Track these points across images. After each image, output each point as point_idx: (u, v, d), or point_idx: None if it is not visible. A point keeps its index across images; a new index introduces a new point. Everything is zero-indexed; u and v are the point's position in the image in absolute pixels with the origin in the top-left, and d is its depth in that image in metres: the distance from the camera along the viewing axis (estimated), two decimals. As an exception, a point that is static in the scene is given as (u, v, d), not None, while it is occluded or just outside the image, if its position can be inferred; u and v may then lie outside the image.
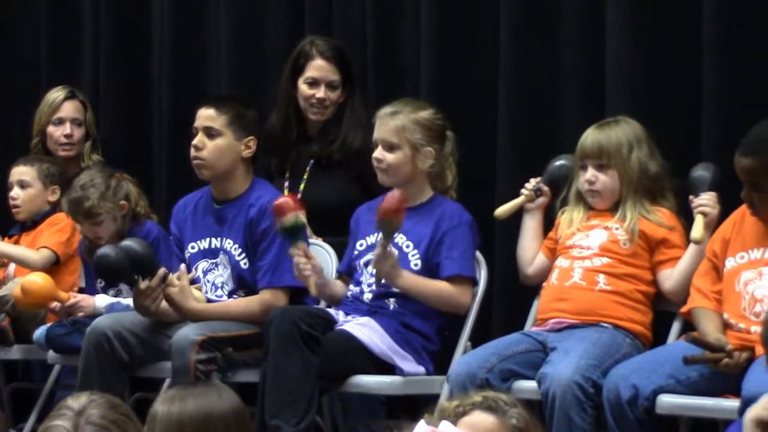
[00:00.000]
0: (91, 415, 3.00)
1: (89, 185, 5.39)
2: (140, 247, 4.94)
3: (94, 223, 5.40)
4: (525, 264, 4.82)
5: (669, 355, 4.25)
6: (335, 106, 5.45)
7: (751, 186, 4.17)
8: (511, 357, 4.47)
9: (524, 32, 5.37)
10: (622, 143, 4.62)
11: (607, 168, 4.64)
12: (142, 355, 5.02)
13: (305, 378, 4.55)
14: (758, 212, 4.21)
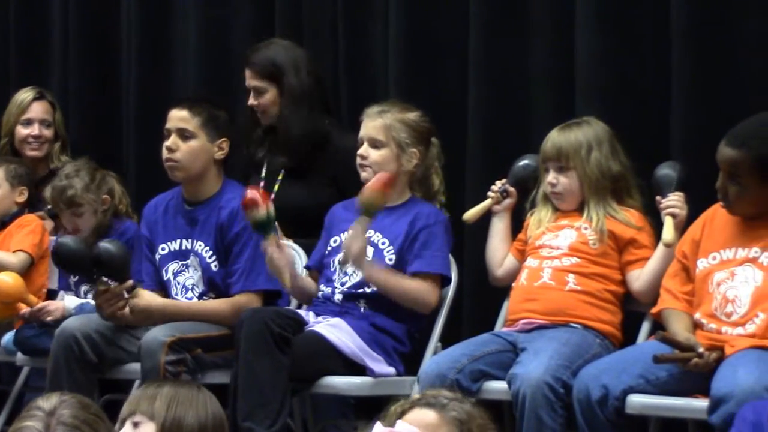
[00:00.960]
0: (62, 415, 3.01)
1: (74, 175, 5.41)
2: (117, 250, 4.90)
3: (75, 213, 5.41)
4: (494, 266, 4.83)
5: (639, 355, 4.26)
6: (272, 107, 5.46)
7: (729, 177, 4.16)
8: (481, 358, 4.47)
9: (493, 32, 5.39)
10: (581, 145, 4.63)
11: (566, 170, 4.66)
12: (111, 357, 5.00)
13: (277, 379, 4.54)
14: (731, 206, 4.20)
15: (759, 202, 4.18)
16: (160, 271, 5.11)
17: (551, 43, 5.28)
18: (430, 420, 2.84)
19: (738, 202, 4.18)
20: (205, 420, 3.14)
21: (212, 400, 3.20)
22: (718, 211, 4.31)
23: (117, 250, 4.90)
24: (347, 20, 5.90)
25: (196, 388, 3.27)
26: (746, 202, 4.18)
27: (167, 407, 3.15)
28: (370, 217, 4.66)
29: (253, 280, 4.96)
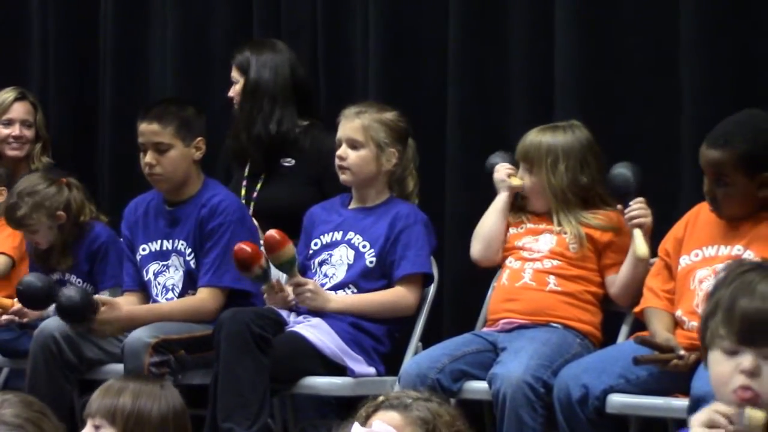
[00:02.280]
0: (3, 414, 3.00)
1: (25, 194, 5.31)
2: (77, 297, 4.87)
3: (30, 231, 5.36)
4: (487, 233, 4.72)
5: (619, 354, 4.27)
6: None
7: (715, 180, 4.16)
8: (461, 357, 4.48)
9: (473, 34, 5.39)
10: (548, 154, 4.62)
11: (532, 172, 4.67)
12: (91, 358, 5.00)
13: (257, 380, 4.54)
14: (721, 209, 4.21)
15: (747, 202, 4.19)
16: (140, 271, 5.11)
17: (529, 44, 5.28)
18: (394, 422, 2.84)
19: (727, 203, 4.19)
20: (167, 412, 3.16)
21: (174, 394, 3.22)
22: (702, 210, 4.33)
23: (76, 298, 4.86)
24: (326, 21, 5.89)
25: (158, 384, 3.30)
26: (735, 203, 4.19)
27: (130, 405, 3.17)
28: (292, 269, 4.72)
29: (220, 276, 4.96)
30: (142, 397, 3.18)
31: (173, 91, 6.26)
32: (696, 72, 4.84)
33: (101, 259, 5.37)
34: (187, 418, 3.22)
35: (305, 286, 4.71)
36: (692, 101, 4.82)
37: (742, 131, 4.18)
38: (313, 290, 4.71)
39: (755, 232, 4.18)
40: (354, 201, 4.94)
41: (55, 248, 5.36)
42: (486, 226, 4.77)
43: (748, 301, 2.55)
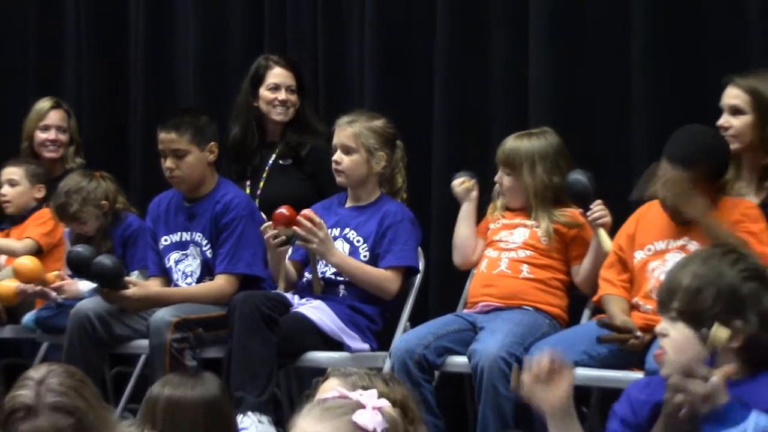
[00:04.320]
0: (51, 383, 3.02)
1: (73, 191, 5.36)
2: (111, 265, 4.89)
3: (79, 222, 5.41)
4: (463, 244, 4.76)
5: (582, 334, 4.29)
6: (294, 108, 5.48)
7: (677, 195, 4.15)
8: (445, 335, 4.49)
9: (457, 49, 5.39)
10: (527, 157, 4.61)
11: (511, 175, 4.67)
12: (120, 334, 5.00)
13: (266, 355, 4.54)
14: (679, 217, 4.19)
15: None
16: (162, 258, 5.12)
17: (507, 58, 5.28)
18: (331, 385, 2.89)
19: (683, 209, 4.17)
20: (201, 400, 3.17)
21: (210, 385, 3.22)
22: (651, 208, 4.32)
23: (111, 264, 4.88)
24: (326, 35, 5.89)
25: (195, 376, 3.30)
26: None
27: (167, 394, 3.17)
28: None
29: (234, 264, 4.96)
30: (178, 388, 3.19)
31: (195, 96, 6.26)
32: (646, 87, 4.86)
33: (132, 244, 5.40)
34: (222, 406, 3.21)
35: (318, 231, 4.66)
36: (644, 111, 4.84)
37: (700, 150, 4.19)
38: (322, 237, 4.66)
39: (695, 228, 4.17)
40: (349, 200, 4.92)
41: (97, 234, 5.41)
42: (458, 236, 4.80)
43: (666, 275, 2.76)
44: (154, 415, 3.15)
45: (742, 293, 2.67)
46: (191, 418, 3.11)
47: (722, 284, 2.68)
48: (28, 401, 3.07)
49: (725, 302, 2.66)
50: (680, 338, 2.68)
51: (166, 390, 3.18)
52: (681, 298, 2.69)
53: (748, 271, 2.71)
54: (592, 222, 4.47)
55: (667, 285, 2.76)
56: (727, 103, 4.39)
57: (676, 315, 2.69)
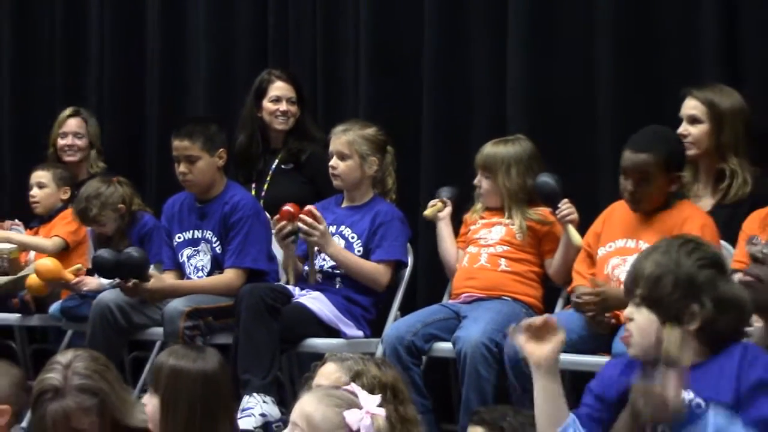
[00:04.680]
0: (76, 367, 3.06)
1: (93, 197, 5.37)
2: (138, 256, 4.88)
3: (99, 224, 5.43)
4: (451, 263, 4.77)
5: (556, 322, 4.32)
6: (295, 118, 5.51)
7: (638, 181, 4.14)
8: (432, 323, 4.50)
9: (442, 64, 5.39)
10: (504, 161, 4.63)
11: (489, 178, 4.68)
12: (138, 323, 5.02)
13: (269, 341, 4.56)
14: (640, 204, 4.19)
15: (661, 196, 4.19)
16: (176, 254, 5.13)
17: (487, 72, 5.29)
18: (329, 370, 2.91)
19: (647, 198, 4.17)
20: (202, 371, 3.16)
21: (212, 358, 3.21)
22: (616, 209, 4.33)
23: (138, 256, 4.87)
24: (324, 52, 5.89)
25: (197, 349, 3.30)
26: (653, 198, 4.17)
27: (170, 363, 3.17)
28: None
29: (242, 259, 4.95)
30: (181, 359, 3.19)
31: (205, 108, 6.26)
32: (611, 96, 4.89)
33: (148, 241, 5.41)
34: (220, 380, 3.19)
35: (319, 225, 4.68)
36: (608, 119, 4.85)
37: (660, 139, 4.20)
38: (322, 231, 4.68)
39: (656, 227, 4.17)
40: (345, 201, 4.94)
41: (115, 234, 5.43)
42: (442, 255, 4.82)
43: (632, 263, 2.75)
44: (158, 381, 3.16)
45: (698, 280, 2.68)
46: (190, 388, 3.11)
47: (680, 272, 2.69)
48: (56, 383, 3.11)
49: (683, 289, 2.68)
50: (644, 322, 2.70)
51: (170, 359, 3.18)
52: (644, 286, 2.71)
53: (704, 259, 2.72)
54: (560, 219, 4.48)
55: (632, 273, 2.77)
56: (686, 113, 4.43)
57: (639, 301, 2.71)
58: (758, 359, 2.60)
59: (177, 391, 3.12)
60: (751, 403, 2.54)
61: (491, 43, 5.28)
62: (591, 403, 2.80)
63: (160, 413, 3.11)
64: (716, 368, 2.64)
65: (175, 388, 3.13)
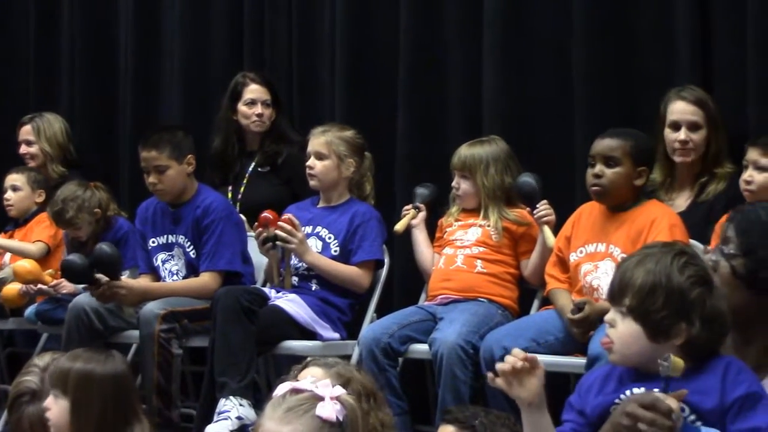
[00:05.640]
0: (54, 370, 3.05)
1: (69, 200, 5.34)
2: (111, 251, 4.82)
3: (75, 228, 5.39)
4: (428, 267, 4.77)
5: (531, 323, 4.31)
6: (270, 120, 5.49)
7: (605, 163, 4.15)
8: (408, 325, 4.49)
9: (417, 68, 5.39)
10: (482, 161, 4.64)
11: (467, 178, 4.68)
12: (114, 326, 4.99)
13: (246, 344, 4.54)
14: (605, 191, 4.18)
15: (627, 188, 4.19)
16: (151, 258, 5.11)
17: (462, 77, 5.29)
18: (317, 375, 2.86)
19: (612, 187, 4.17)
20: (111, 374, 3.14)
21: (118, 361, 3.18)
22: (584, 213, 4.33)
23: (111, 251, 4.82)
24: (300, 54, 5.89)
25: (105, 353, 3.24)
26: (619, 188, 4.17)
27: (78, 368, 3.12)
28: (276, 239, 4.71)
29: (216, 262, 4.93)
30: (89, 362, 3.15)
31: (180, 112, 6.25)
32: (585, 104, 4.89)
33: (123, 245, 5.37)
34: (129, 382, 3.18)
35: (297, 233, 4.69)
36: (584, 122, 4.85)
37: (627, 132, 4.22)
38: (300, 239, 4.69)
39: (624, 228, 4.18)
40: (321, 201, 4.94)
41: (90, 238, 5.39)
42: (418, 260, 4.82)
43: (618, 268, 2.69)
44: (65, 385, 3.09)
45: (689, 298, 2.61)
46: (102, 390, 3.07)
47: (672, 288, 2.61)
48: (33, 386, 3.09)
49: (674, 306, 2.60)
50: (628, 332, 2.64)
51: (77, 363, 3.12)
52: (633, 296, 2.63)
53: (696, 276, 2.64)
54: (537, 219, 4.49)
55: (620, 279, 2.68)
56: (685, 119, 4.40)
57: (626, 311, 2.63)
58: (742, 374, 2.56)
59: (88, 393, 3.07)
60: (738, 417, 2.52)
61: (466, 48, 5.29)
62: (573, 418, 2.76)
63: (70, 417, 3.06)
64: (698, 383, 2.60)
65: (86, 391, 3.08)
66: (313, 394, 2.40)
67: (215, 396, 4.51)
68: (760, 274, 2.60)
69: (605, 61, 4.87)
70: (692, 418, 2.54)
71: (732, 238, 2.68)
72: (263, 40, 6.06)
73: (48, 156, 6.16)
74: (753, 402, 2.52)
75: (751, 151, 4.17)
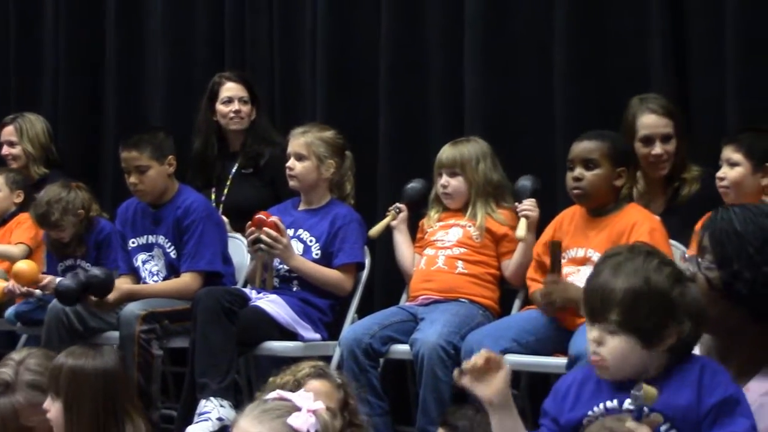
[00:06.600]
0: (29, 363, 3.04)
1: (53, 202, 5.29)
2: (103, 277, 4.82)
3: (59, 230, 5.35)
4: (409, 268, 4.77)
5: (512, 323, 4.30)
6: (249, 117, 5.47)
7: (584, 166, 4.15)
8: (389, 326, 4.49)
9: (399, 69, 5.39)
10: (472, 157, 4.65)
11: (457, 175, 4.68)
12: (94, 327, 4.95)
13: (226, 344, 4.53)
14: (586, 193, 4.18)
15: (607, 189, 4.18)
16: (131, 259, 5.08)
17: (444, 78, 5.30)
18: (324, 389, 2.84)
19: (593, 189, 4.17)
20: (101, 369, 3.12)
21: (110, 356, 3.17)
22: (565, 219, 4.32)
23: (103, 277, 4.81)
24: (281, 55, 5.88)
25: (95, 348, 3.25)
26: (599, 189, 4.16)
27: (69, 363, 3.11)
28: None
29: (197, 262, 4.92)
30: (80, 358, 3.14)
31: (162, 112, 6.23)
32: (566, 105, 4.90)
33: (106, 247, 5.35)
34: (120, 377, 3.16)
35: (282, 238, 4.68)
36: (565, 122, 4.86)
37: (604, 134, 4.23)
38: (286, 244, 4.68)
39: (605, 233, 4.17)
40: (302, 203, 4.92)
41: (72, 239, 5.36)
42: (399, 261, 4.82)
43: (592, 283, 2.61)
44: (58, 384, 3.09)
45: (672, 297, 2.56)
46: (92, 387, 3.06)
47: (655, 292, 2.55)
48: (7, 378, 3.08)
49: (660, 308, 2.55)
50: (620, 347, 2.56)
51: (69, 360, 3.12)
52: (619, 313, 2.55)
53: (672, 274, 2.59)
54: (519, 212, 4.51)
55: (600, 295, 2.58)
56: (658, 132, 4.41)
57: (615, 327, 2.55)
58: (717, 377, 2.53)
59: (79, 391, 3.07)
60: (716, 424, 2.49)
61: (447, 48, 5.29)
62: (547, 425, 2.73)
63: (64, 416, 3.05)
64: (676, 382, 2.56)
65: (76, 389, 3.07)
66: (293, 404, 2.41)
67: (196, 397, 4.49)
68: (735, 287, 2.56)
69: (586, 61, 4.88)
70: (666, 427, 2.52)
71: (708, 249, 2.64)
72: (244, 42, 6.05)
73: (30, 157, 6.13)
74: (730, 407, 2.49)
75: (725, 148, 4.18)
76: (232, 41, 6.08)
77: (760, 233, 2.57)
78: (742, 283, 2.55)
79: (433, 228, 4.73)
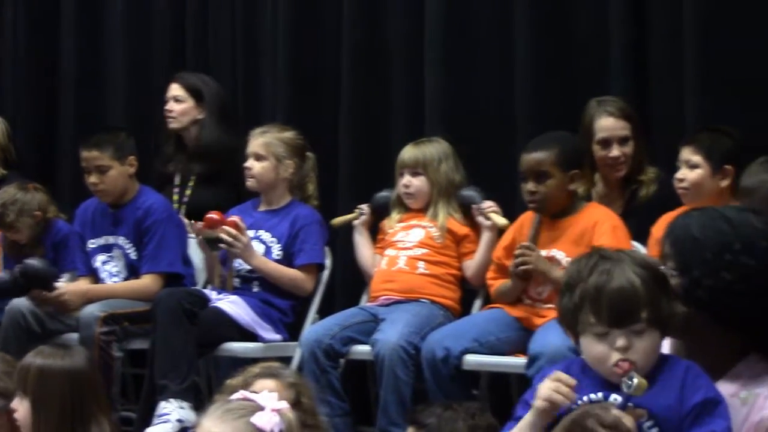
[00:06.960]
0: None
1: (9, 203, 5.23)
2: (41, 266, 4.79)
3: (15, 231, 5.30)
4: (369, 269, 4.77)
5: (473, 323, 4.31)
6: (187, 117, 5.43)
7: (536, 178, 4.15)
8: (350, 326, 4.48)
9: (361, 70, 5.39)
10: (434, 157, 4.66)
11: (420, 175, 4.68)
12: (52, 329, 4.91)
13: (187, 346, 4.51)
14: (543, 204, 4.18)
15: (563, 195, 4.19)
16: (90, 260, 5.05)
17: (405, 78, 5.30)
18: (273, 387, 2.83)
19: (549, 198, 4.17)
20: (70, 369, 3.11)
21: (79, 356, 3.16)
22: (525, 223, 4.33)
23: (40, 266, 4.78)
24: (243, 55, 5.86)
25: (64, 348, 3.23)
26: (555, 196, 4.17)
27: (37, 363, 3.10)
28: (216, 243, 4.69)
29: (157, 263, 4.90)
30: (48, 358, 3.12)
31: (123, 113, 6.19)
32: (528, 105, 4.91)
33: (63, 248, 5.29)
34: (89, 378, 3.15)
35: (243, 236, 4.66)
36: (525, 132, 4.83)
37: (551, 139, 4.22)
38: (246, 243, 4.67)
39: (568, 234, 4.19)
40: (262, 204, 4.90)
41: (29, 241, 5.30)
42: (359, 261, 4.83)
43: (609, 289, 2.52)
44: (26, 383, 3.07)
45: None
46: (59, 387, 3.05)
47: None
48: None
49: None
50: (651, 344, 2.52)
51: (37, 359, 3.11)
52: (648, 309, 2.50)
53: (655, 261, 2.59)
54: (487, 210, 4.54)
55: (624, 298, 2.51)
56: (616, 135, 4.42)
57: (644, 326, 2.50)
58: (700, 379, 2.53)
59: (46, 390, 3.05)
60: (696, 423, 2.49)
61: (409, 49, 5.29)
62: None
63: (32, 416, 3.04)
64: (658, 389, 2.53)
65: (44, 388, 3.05)
66: (257, 403, 2.40)
67: (155, 398, 4.46)
68: (696, 293, 2.55)
69: (546, 62, 4.89)
70: (649, 424, 2.52)
71: (669, 256, 2.64)
72: (206, 42, 6.01)
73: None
74: (711, 407, 2.49)
75: (683, 150, 4.20)
76: (193, 41, 6.05)
77: (718, 237, 2.56)
78: (702, 289, 2.54)
79: (394, 229, 4.73)
